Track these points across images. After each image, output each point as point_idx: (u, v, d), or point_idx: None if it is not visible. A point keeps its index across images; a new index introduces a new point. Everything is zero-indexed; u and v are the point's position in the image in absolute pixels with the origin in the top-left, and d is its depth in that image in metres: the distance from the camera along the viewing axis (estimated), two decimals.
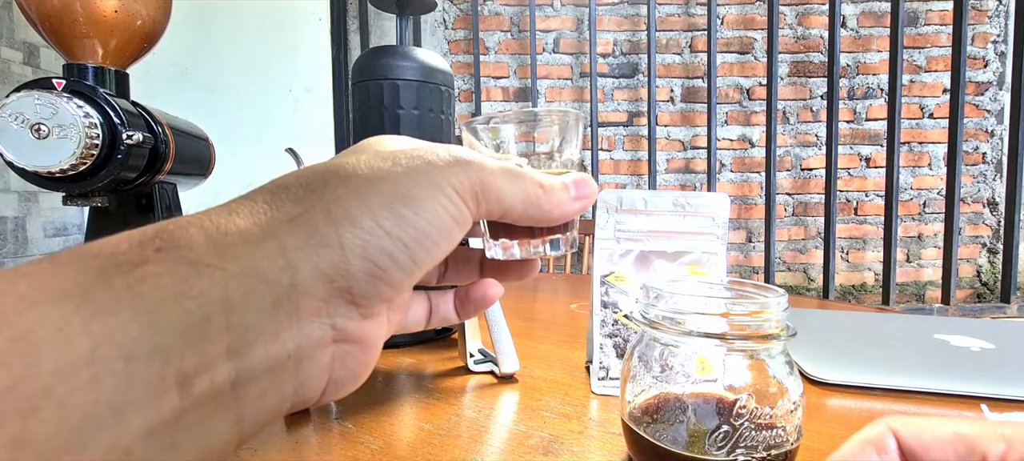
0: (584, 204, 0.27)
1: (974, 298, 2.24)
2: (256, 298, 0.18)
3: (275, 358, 0.18)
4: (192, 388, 0.16)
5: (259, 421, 0.19)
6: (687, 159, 2.27)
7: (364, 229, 0.20)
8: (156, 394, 0.15)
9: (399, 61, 0.49)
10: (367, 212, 0.20)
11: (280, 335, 0.18)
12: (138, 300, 0.16)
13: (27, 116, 0.42)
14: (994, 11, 2.18)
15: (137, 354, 0.15)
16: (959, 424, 0.19)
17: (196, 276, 0.17)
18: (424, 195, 0.21)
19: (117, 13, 0.47)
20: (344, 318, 0.20)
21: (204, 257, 0.17)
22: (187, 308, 0.16)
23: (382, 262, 0.20)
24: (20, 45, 1.68)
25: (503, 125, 0.28)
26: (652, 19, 2.05)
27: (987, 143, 2.20)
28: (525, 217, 0.25)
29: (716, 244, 0.44)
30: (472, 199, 0.23)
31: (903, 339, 0.55)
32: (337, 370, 0.21)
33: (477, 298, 0.29)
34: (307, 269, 0.19)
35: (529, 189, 0.24)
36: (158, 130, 0.51)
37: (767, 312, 0.28)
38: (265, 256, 0.18)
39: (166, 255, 0.17)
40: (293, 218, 0.19)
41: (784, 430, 0.27)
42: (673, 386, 0.29)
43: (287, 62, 2.15)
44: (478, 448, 0.34)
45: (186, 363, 0.16)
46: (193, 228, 0.18)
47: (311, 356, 0.20)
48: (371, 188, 0.21)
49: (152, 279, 0.16)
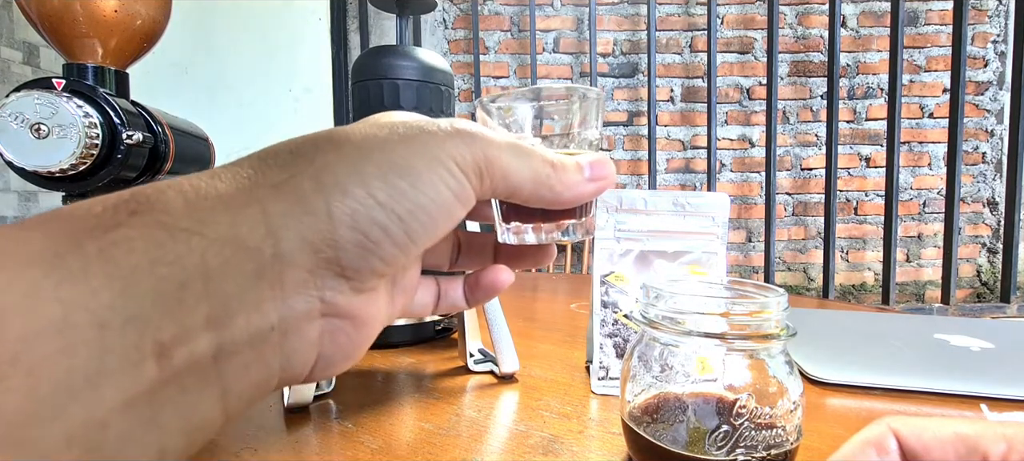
0: (600, 186, 0.25)
1: (974, 298, 2.24)
2: (235, 266, 0.17)
3: (258, 330, 0.17)
4: (170, 358, 0.15)
5: (245, 397, 0.18)
6: (687, 159, 2.27)
7: (354, 198, 0.19)
8: (132, 364, 0.15)
9: (399, 61, 0.49)
10: (358, 180, 0.19)
11: (262, 306, 0.17)
12: (110, 265, 0.15)
13: (27, 116, 0.42)
14: (994, 11, 2.18)
15: (111, 322, 0.14)
16: (960, 424, 0.19)
17: (172, 241, 0.16)
18: (421, 166, 0.20)
19: (117, 13, 0.47)
20: (333, 291, 0.19)
21: (180, 221, 0.16)
22: (162, 274, 0.15)
23: (373, 234, 0.19)
24: (20, 45, 1.68)
25: (517, 102, 0.26)
26: (652, 19, 2.05)
27: (987, 143, 2.20)
28: (535, 198, 0.23)
29: (716, 244, 0.44)
30: (475, 174, 0.21)
31: (903, 339, 0.55)
32: (326, 346, 0.20)
33: (487, 284, 0.28)
34: (291, 238, 0.18)
35: (538, 167, 0.23)
36: (158, 130, 0.51)
37: (767, 312, 0.28)
38: (246, 222, 0.17)
39: (141, 218, 0.16)
40: (278, 184, 0.18)
41: (784, 430, 0.27)
42: (673, 386, 0.29)
43: (287, 62, 2.15)
44: (478, 448, 0.34)
45: (163, 332, 0.15)
46: (171, 191, 0.17)
47: (297, 329, 0.19)
48: (364, 156, 0.19)
49: (125, 243, 0.15)
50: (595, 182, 0.25)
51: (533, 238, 0.26)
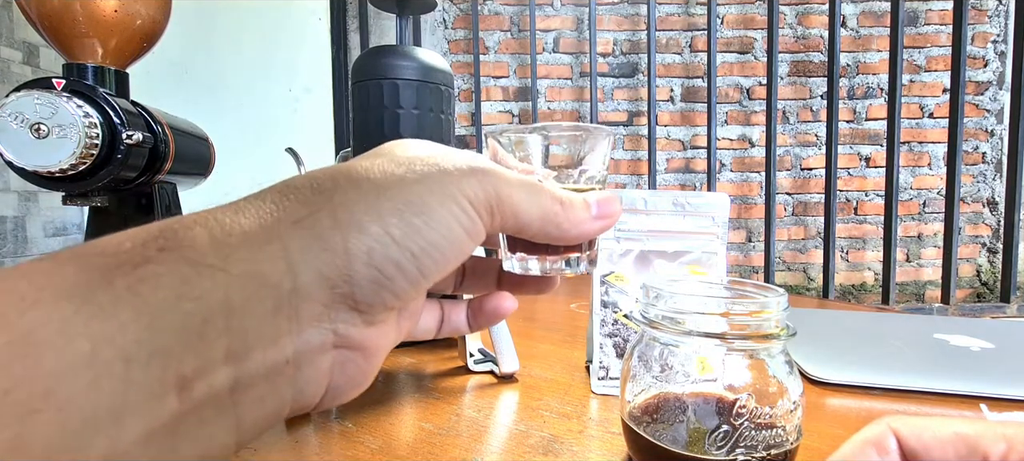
0: (605, 224, 0.25)
1: (974, 298, 2.24)
2: (256, 302, 0.17)
3: (274, 363, 0.18)
4: (191, 392, 0.16)
5: (257, 426, 0.19)
6: (687, 159, 2.27)
7: (371, 235, 0.19)
8: (155, 397, 0.15)
9: (399, 61, 0.49)
10: (376, 218, 0.19)
11: (279, 340, 0.18)
12: (139, 301, 0.15)
13: (27, 116, 0.42)
14: (994, 11, 2.18)
15: (136, 357, 0.15)
16: (959, 424, 0.19)
17: (197, 277, 0.16)
18: (436, 204, 0.20)
19: (117, 13, 0.47)
20: (346, 324, 0.20)
21: (206, 257, 0.17)
22: (187, 310, 0.16)
23: (388, 270, 0.19)
24: (20, 44, 1.68)
25: (529, 136, 0.26)
26: (652, 19, 2.05)
27: (987, 143, 2.20)
28: (542, 234, 0.24)
29: (716, 244, 0.44)
30: (486, 211, 0.22)
31: (903, 339, 0.55)
32: (337, 376, 0.21)
33: (490, 310, 0.28)
34: (309, 273, 0.18)
35: (547, 204, 0.23)
36: (158, 130, 0.51)
37: (767, 312, 0.28)
38: (267, 259, 0.18)
39: (168, 255, 0.16)
40: (299, 220, 0.19)
41: (784, 430, 0.27)
42: (673, 386, 0.29)
43: (287, 62, 2.14)
44: (478, 448, 0.34)
45: (185, 366, 0.16)
46: (198, 227, 0.18)
47: (311, 361, 0.19)
48: (382, 194, 0.20)
49: (153, 279, 0.16)
50: (601, 220, 0.25)
51: (537, 269, 0.27)
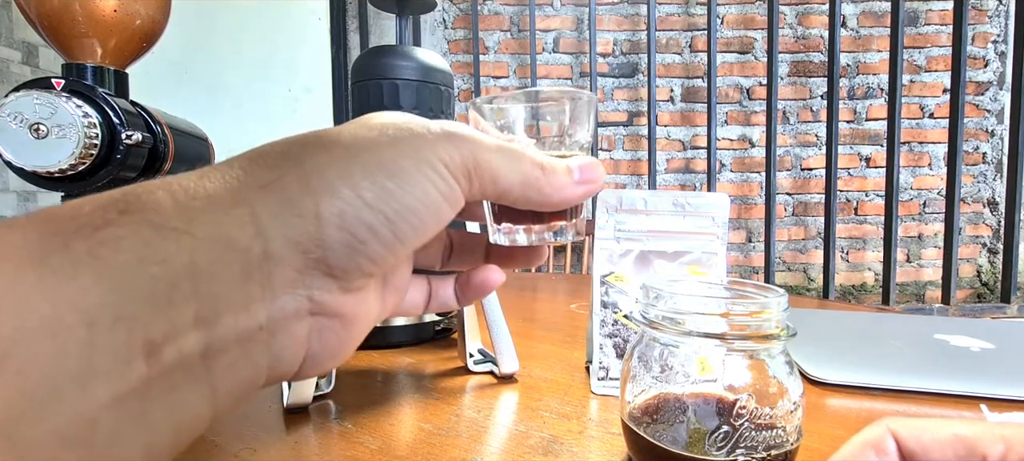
0: (588, 189, 0.25)
1: (974, 298, 2.24)
2: (224, 266, 0.17)
3: (246, 329, 0.18)
4: (160, 356, 0.16)
5: (233, 394, 0.18)
6: (687, 159, 2.27)
7: (342, 198, 0.19)
8: (122, 362, 0.15)
9: (399, 61, 0.49)
10: (346, 181, 0.19)
11: (251, 305, 0.18)
12: (100, 264, 0.15)
13: (26, 116, 0.42)
14: (994, 11, 2.18)
15: (100, 320, 0.14)
16: (959, 425, 0.19)
17: (161, 240, 0.16)
18: (410, 167, 0.20)
19: (116, 12, 0.47)
20: (321, 290, 0.19)
21: (170, 220, 0.16)
22: (152, 273, 0.16)
23: (361, 234, 0.19)
24: (19, 44, 1.68)
25: (509, 104, 0.26)
26: (652, 19, 2.05)
27: (987, 143, 2.20)
28: (523, 199, 0.24)
29: (716, 244, 0.44)
30: (464, 176, 0.21)
31: (903, 339, 0.55)
32: (314, 344, 0.20)
33: (478, 284, 0.28)
34: (279, 238, 0.18)
35: (527, 169, 0.23)
36: (157, 130, 0.51)
37: (767, 312, 0.28)
38: (234, 222, 0.17)
39: (129, 217, 0.16)
40: (266, 184, 0.18)
41: (784, 430, 0.27)
42: (673, 386, 0.29)
43: (287, 62, 2.15)
44: (478, 448, 0.34)
45: (153, 330, 0.15)
46: (160, 191, 0.17)
47: (285, 328, 0.19)
48: (353, 157, 0.20)
49: (113, 242, 0.15)
50: (584, 185, 0.25)
51: (524, 239, 0.27)
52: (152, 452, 0.16)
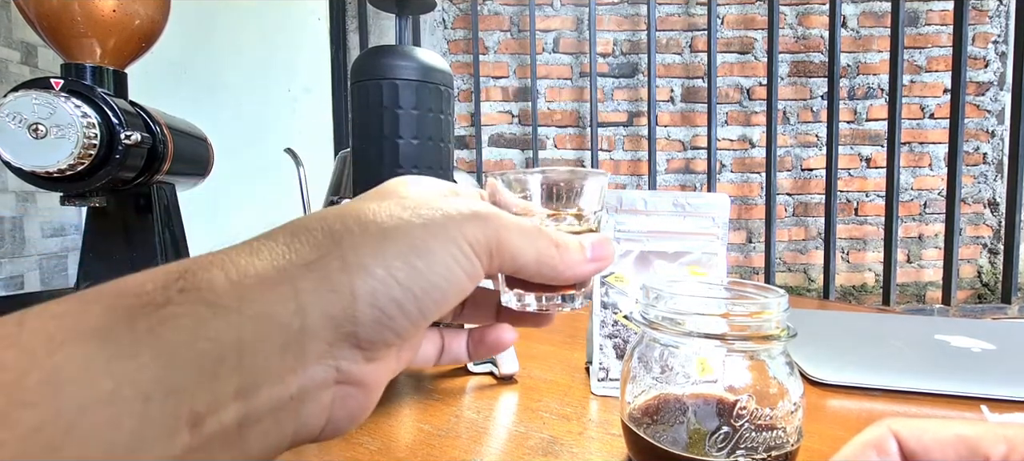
0: (599, 266, 0.26)
1: (975, 299, 2.24)
2: (267, 341, 0.18)
3: (280, 399, 0.19)
4: (202, 427, 0.17)
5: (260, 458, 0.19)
6: (687, 159, 2.26)
7: (376, 278, 0.20)
8: (170, 433, 0.16)
9: (398, 61, 0.49)
10: (381, 261, 0.20)
11: (285, 377, 0.19)
12: (159, 342, 0.16)
13: (25, 116, 0.41)
14: (995, 11, 2.17)
15: (154, 395, 0.16)
16: (960, 426, 0.18)
17: (213, 318, 0.17)
18: (438, 248, 0.21)
19: (115, 13, 0.47)
20: (348, 361, 0.21)
21: (223, 299, 0.18)
22: (202, 349, 0.17)
23: (390, 310, 0.20)
24: (18, 44, 1.68)
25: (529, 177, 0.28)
26: (652, 19, 2.05)
27: (988, 143, 2.20)
28: (538, 276, 0.25)
29: (716, 244, 0.44)
30: (486, 255, 0.23)
31: (904, 340, 0.55)
32: (337, 410, 0.21)
33: (491, 342, 0.29)
34: (316, 314, 0.19)
35: (544, 248, 0.24)
36: (156, 130, 0.51)
37: (767, 313, 0.28)
38: (279, 300, 0.19)
39: (187, 296, 0.17)
40: (309, 263, 0.20)
41: (784, 431, 0.27)
42: (673, 387, 0.29)
43: (286, 62, 2.14)
44: (477, 449, 0.34)
45: (198, 403, 0.17)
46: (215, 269, 0.19)
47: (313, 397, 0.20)
48: (387, 238, 0.21)
49: (172, 321, 0.17)
50: (595, 262, 0.26)
51: (534, 306, 0.28)
52: None
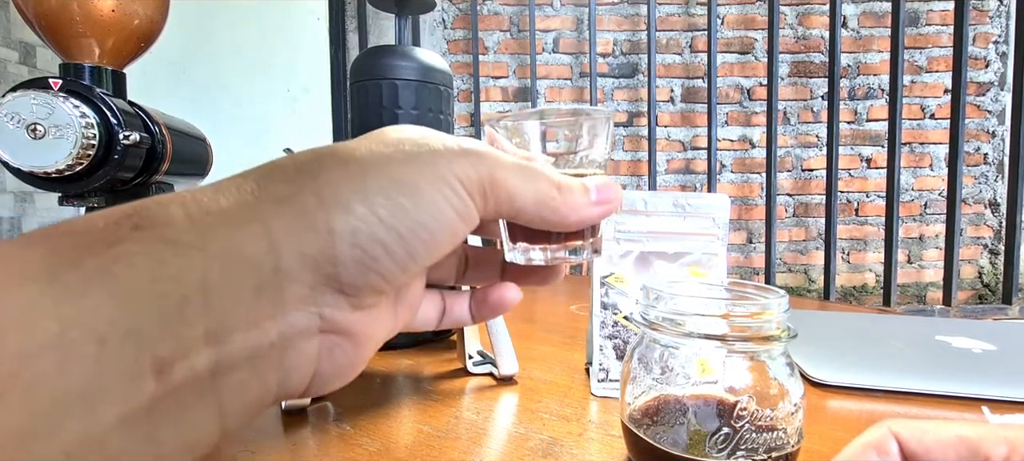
0: (605, 210, 0.24)
1: (976, 299, 2.24)
2: (236, 282, 0.17)
3: (257, 346, 0.17)
4: (169, 374, 0.15)
5: (242, 413, 0.18)
6: (687, 160, 2.26)
7: (356, 215, 0.19)
8: (131, 380, 0.15)
9: (398, 61, 0.49)
10: (361, 198, 0.19)
11: (262, 322, 0.17)
12: (111, 281, 0.15)
13: (23, 116, 0.41)
14: (995, 11, 2.17)
15: (110, 337, 0.14)
16: (962, 427, 0.18)
17: (174, 256, 0.16)
18: (425, 184, 0.20)
19: (114, 12, 0.47)
20: (332, 308, 0.19)
21: (183, 236, 0.16)
22: (163, 290, 0.15)
23: (373, 251, 0.19)
24: (16, 44, 1.68)
25: (524, 122, 0.26)
26: (652, 19, 2.05)
27: (989, 144, 2.20)
28: (538, 219, 0.23)
29: (716, 245, 0.44)
30: (479, 194, 0.21)
31: (904, 340, 0.55)
32: (324, 362, 0.20)
33: (494, 301, 0.27)
34: (292, 254, 0.18)
35: (543, 189, 0.23)
36: (155, 130, 0.51)
37: (768, 313, 0.28)
38: (248, 238, 0.17)
39: (143, 234, 0.16)
40: (281, 199, 0.18)
41: (785, 432, 0.27)
42: (673, 388, 0.29)
43: (285, 62, 2.14)
44: (477, 450, 0.34)
45: (162, 348, 0.15)
46: (174, 206, 0.17)
47: (296, 346, 0.19)
48: (368, 173, 0.19)
49: (127, 258, 0.15)
50: (601, 205, 0.24)
51: (540, 258, 0.26)
52: None
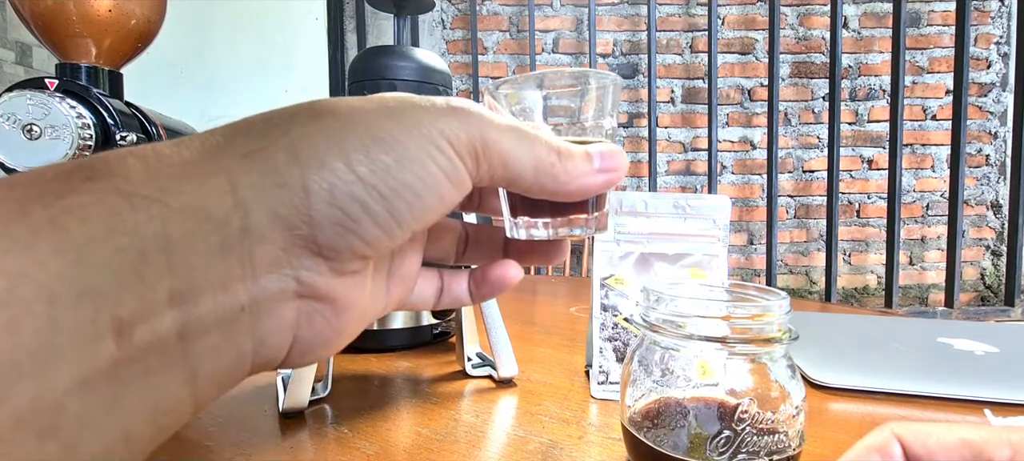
0: (609, 178, 0.23)
1: (978, 301, 2.23)
2: (200, 239, 0.16)
3: (227, 309, 0.16)
4: (131, 336, 0.14)
5: (216, 381, 0.17)
6: (688, 161, 2.26)
7: (333, 171, 0.17)
8: (88, 341, 0.14)
9: (397, 61, 0.49)
10: (338, 153, 0.17)
11: (231, 284, 0.16)
12: (61, 234, 0.14)
13: (19, 116, 0.41)
14: (997, 12, 2.17)
15: (62, 295, 0.13)
16: (965, 429, 0.18)
17: (130, 209, 0.15)
18: (409, 142, 0.18)
19: (111, 12, 0.47)
20: (310, 271, 0.18)
21: (140, 188, 0.15)
22: (120, 245, 0.14)
23: (352, 211, 0.18)
24: (12, 44, 1.68)
25: (525, 87, 0.24)
26: (652, 19, 2.05)
27: (990, 145, 2.20)
28: (537, 187, 0.21)
29: (717, 246, 0.44)
30: (470, 155, 0.20)
31: (906, 342, 0.54)
32: (303, 330, 0.19)
33: (494, 279, 0.26)
34: (261, 211, 0.16)
35: (542, 153, 0.21)
36: (152, 131, 0.51)
37: (769, 315, 0.28)
38: (211, 192, 0.16)
39: (96, 185, 0.15)
40: (249, 153, 0.17)
41: (786, 435, 0.27)
42: (674, 390, 0.29)
43: (283, 62, 2.15)
44: (476, 453, 0.34)
45: (122, 308, 0.14)
46: (131, 158, 0.16)
47: (271, 311, 0.17)
48: (347, 128, 0.18)
49: (78, 211, 0.14)
50: (605, 173, 0.23)
51: (544, 233, 0.25)
52: (130, 442, 0.15)
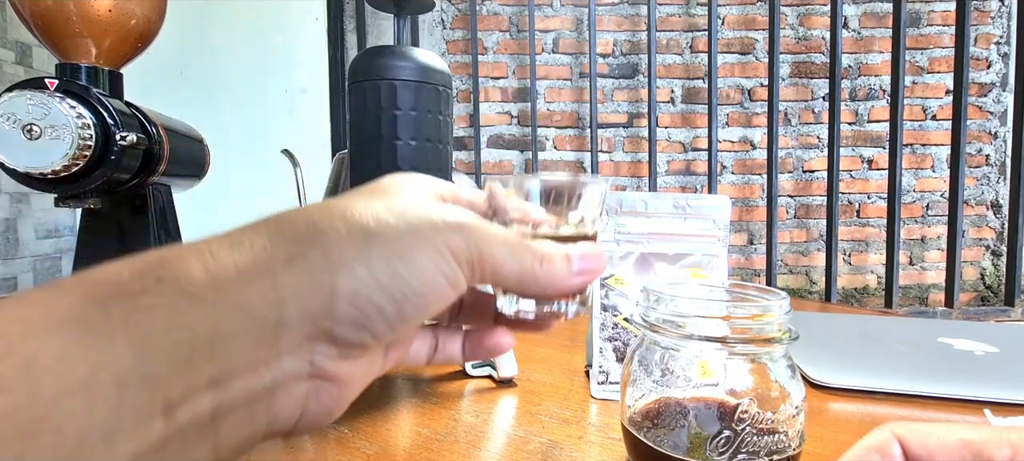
0: (585, 279, 0.26)
1: (978, 301, 2.23)
2: (242, 333, 0.18)
3: (253, 390, 0.19)
4: (176, 416, 0.17)
5: (232, 449, 0.20)
6: (688, 161, 2.26)
7: (358, 278, 0.20)
8: (143, 420, 0.16)
9: (396, 61, 0.49)
10: (364, 262, 0.21)
11: (259, 368, 0.19)
12: (134, 329, 0.16)
13: (19, 116, 0.41)
14: (997, 12, 2.17)
15: (130, 382, 0.16)
16: (965, 430, 0.18)
17: (190, 309, 0.17)
18: (422, 256, 0.22)
19: (111, 12, 0.47)
20: (322, 356, 0.21)
21: (200, 290, 0.18)
22: (178, 338, 0.17)
23: (369, 312, 0.21)
24: (12, 44, 1.68)
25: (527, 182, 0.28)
26: (652, 19, 2.05)
27: (990, 145, 2.20)
28: (520, 289, 0.25)
29: (717, 246, 0.44)
30: (467, 265, 0.23)
31: (906, 342, 0.54)
32: (311, 405, 0.22)
33: (489, 346, 0.29)
34: (295, 308, 0.19)
35: (527, 262, 0.24)
36: (152, 131, 0.51)
37: (769, 315, 0.28)
38: (258, 293, 0.19)
39: (164, 286, 0.18)
40: (291, 257, 0.20)
41: (786, 435, 0.27)
42: (674, 390, 0.29)
43: (283, 62, 2.14)
44: (476, 453, 0.34)
45: (172, 391, 0.17)
46: (193, 259, 0.19)
47: (286, 389, 0.20)
48: (372, 240, 0.21)
49: (148, 310, 0.17)
50: (581, 276, 0.26)
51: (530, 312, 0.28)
52: None
